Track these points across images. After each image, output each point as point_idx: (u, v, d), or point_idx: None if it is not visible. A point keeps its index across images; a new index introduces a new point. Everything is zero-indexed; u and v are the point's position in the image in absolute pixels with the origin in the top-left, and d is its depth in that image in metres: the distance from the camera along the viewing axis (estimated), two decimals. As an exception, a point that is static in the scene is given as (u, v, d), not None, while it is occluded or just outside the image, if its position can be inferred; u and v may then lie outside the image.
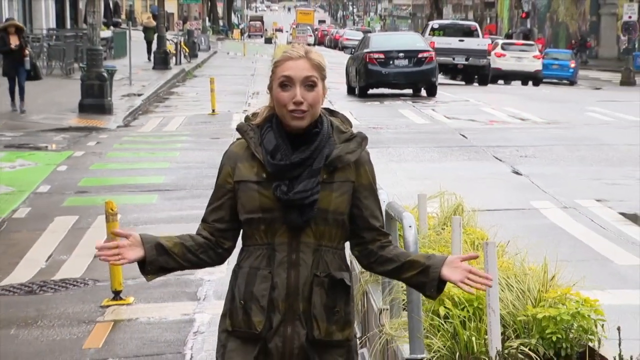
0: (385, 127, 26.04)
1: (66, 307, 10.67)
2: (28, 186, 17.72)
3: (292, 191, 4.10)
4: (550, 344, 5.58)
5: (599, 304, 5.84)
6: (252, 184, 4.17)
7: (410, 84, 36.33)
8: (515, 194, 16.48)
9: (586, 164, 19.95)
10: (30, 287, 11.56)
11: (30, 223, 14.97)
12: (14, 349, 9.40)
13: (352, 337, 4.34)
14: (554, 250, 7.13)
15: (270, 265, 4.19)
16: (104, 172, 19.67)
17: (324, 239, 4.20)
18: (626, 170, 19.14)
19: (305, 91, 4.10)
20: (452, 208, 8.48)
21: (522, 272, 6.26)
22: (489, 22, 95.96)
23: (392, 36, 46.23)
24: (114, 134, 25.66)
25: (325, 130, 4.18)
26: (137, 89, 35.94)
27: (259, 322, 4.17)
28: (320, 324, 4.19)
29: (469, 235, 7.53)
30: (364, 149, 4.25)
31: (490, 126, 27.21)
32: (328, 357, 4.24)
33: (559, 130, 25.98)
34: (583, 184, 17.52)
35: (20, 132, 24.95)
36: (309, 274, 4.18)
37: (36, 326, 10.05)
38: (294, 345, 4.19)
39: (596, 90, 47.14)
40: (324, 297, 4.19)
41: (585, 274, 6.73)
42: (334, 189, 4.18)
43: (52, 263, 12.63)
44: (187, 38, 59.66)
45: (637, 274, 11.50)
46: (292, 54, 4.14)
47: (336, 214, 4.19)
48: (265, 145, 4.15)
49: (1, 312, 10.59)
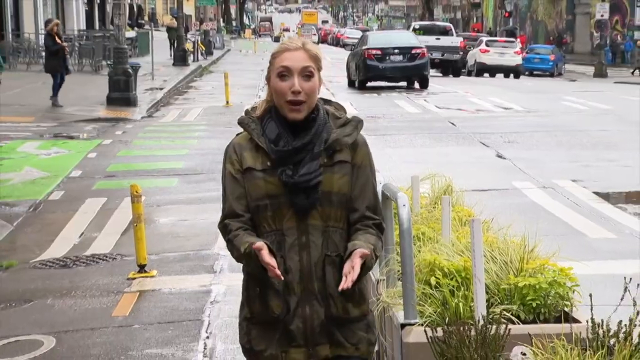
0: (382, 116, 26.02)
1: (96, 279, 10.70)
2: (62, 171, 17.74)
3: (297, 174, 3.94)
4: (530, 309, 5.59)
5: (573, 274, 5.84)
6: (257, 172, 4.00)
7: (404, 77, 36.42)
8: (499, 176, 16.49)
9: (563, 148, 19.96)
10: (65, 261, 11.59)
11: (64, 204, 14.99)
12: (51, 317, 9.43)
13: (368, 311, 4.18)
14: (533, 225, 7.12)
15: (281, 250, 3.98)
16: (129, 158, 19.67)
17: (330, 220, 4.02)
18: (599, 153, 19.17)
19: (303, 81, 3.94)
20: (442, 189, 8.46)
21: (505, 245, 6.25)
22: (475, 21, 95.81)
23: (388, 34, 46.24)
24: (138, 124, 25.66)
25: (321, 117, 4.03)
26: (159, 83, 35.93)
27: (277, 305, 3.98)
28: (337, 301, 4.00)
29: (457, 212, 7.52)
30: (360, 131, 4.11)
31: (477, 115, 27.22)
32: (349, 333, 4.06)
33: (538, 118, 25.97)
34: (560, 166, 17.53)
35: (55, 122, 24.98)
36: (320, 254, 4.00)
37: (70, 296, 10.09)
38: (314, 324, 3.99)
39: (572, 82, 47.17)
40: (337, 276, 3.97)
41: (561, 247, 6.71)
42: (335, 171, 4.01)
43: (83, 240, 12.66)
44: (204, 37, 59.66)
45: (608, 246, 11.51)
46: (289, 46, 3.98)
47: (340, 195, 4.02)
48: (268, 134, 4.00)
49: (39, 284, 10.63)
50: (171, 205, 14.59)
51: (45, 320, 9.31)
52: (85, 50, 40.00)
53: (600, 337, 4.52)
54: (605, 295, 4.85)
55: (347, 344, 4.03)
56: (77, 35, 45.21)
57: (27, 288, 10.50)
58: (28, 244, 12.56)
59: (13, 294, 10.28)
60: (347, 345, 4.03)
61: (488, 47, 50.47)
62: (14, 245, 12.57)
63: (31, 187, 16.25)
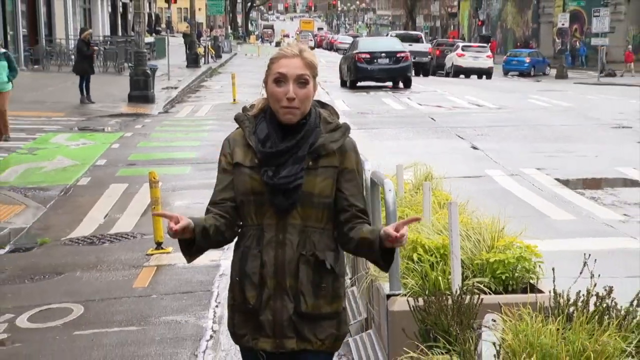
0: (370, 112, 26.00)
1: (119, 255, 10.71)
2: (89, 160, 17.74)
3: (277, 176, 3.67)
4: (500, 281, 5.60)
5: (538, 250, 5.85)
6: (245, 168, 3.76)
7: (390, 78, 36.41)
8: (473, 165, 16.49)
9: (528, 141, 19.97)
10: (91, 239, 11.60)
11: (90, 189, 14.99)
12: (79, 287, 9.45)
13: (341, 309, 3.88)
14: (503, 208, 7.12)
15: (259, 245, 3.74)
16: (148, 149, 19.65)
17: (310, 220, 3.74)
18: (559, 145, 19.19)
19: (297, 88, 3.66)
20: (423, 176, 8.48)
21: (478, 225, 6.26)
22: (452, 29, 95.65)
23: (376, 40, 46.11)
24: (156, 118, 25.63)
25: (312, 122, 3.74)
26: (174, 83, 35.86)
27: (252, 296, 3.74)
28: (307, 298, 3.73)
29: (437, 197, 7.53)
30: (347, 137, 3.80)
31: (454, 111, 27.21)
32: (318, 329, 3.78)
33: (507, 114, 25.97)
34: (526, 156, 17.54)
35: (83, 117, 24.96)
36: (294, 252, 3.72)
37: (96, 270, 10.10)
38: (283, 318, 3.73)
39: (537, 82, 47.14)
40: (310, 274, 3.74)
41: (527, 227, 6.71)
42: (318, 174, 3.71)
43: (108, 220, 12.67)
44: (214, 42, 59.59)
45: (568, 226, 11.53)
46: (286, 53, 3.72)
47: (321, 197, 3.72)
48: (258, 134, 3.74)
49: (69, 259, 10.64)
50: (185, 190, 14.60)
51: (75, 290, 9.33)
52: (109, 54, 40.00)
53: (561, 305, 4.51)
54: (566, 269, 4.84)
55: (314, 339, 3.78)
56: (102, 41, 45.14)
57: (58, 262, 10.51)
58: (59, 223, 12.57)
59: (47, 268, 10.29)
60: (313, 340, 3.78)
61: (464, 51, 50.80)
62: (47, 224, 12.57)
63: (62, 174, 16.24)
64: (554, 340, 4.13)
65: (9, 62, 18.51)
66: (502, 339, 4.08)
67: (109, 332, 7.94)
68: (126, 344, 7.62)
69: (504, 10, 79.35)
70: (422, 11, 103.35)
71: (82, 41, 28.65)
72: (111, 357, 7.31)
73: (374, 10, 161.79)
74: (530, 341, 4.14)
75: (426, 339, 4.77)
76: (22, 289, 9.52)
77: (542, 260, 5.72)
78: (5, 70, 18.43)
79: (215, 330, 7.90)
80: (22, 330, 8.11)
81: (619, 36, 58.00)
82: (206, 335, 7.79)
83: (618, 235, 11.05)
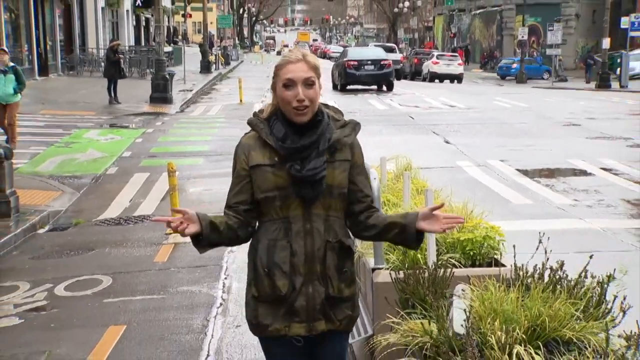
0: (358, 111, 25.93)
1: (142, 234, 10.70)
2: (116, 152, 17.72)
3: (304, 169, 3.44)
4: (468, 257, 5.59)
5: (501, 230, 5.85)
6: (266, 167, 3.50)
7: (375, 82, 36.33)
8: (446, 157, 16.49)
9: (493, 136, 19.98)
10: (118, 220, 11.59)
11: (117, 177, 14.98)
12: (108, 261, 9.45)
13: (356, 292, 3.72)
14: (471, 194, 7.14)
15: (287, 236, 3.50)
16: (167, 143, 19.61)
17: (331, 210, 3.54)
18: (520, 140, 19.21)
19: (305, 89, 3.44)
20: (403, 166, 8.46)
21: (450, 208, 6.25)
22: (428, 40, 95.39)
23: (363, 50, 45.98)
24: (173, 117, 25.56)
25: (326, 119, 3.55)
26: (189, 86, 35.75)
27: (283, 285, 3.49)
28: (334, 282, 3.54)
29: (415, 185, 7.51)
30: (357, 132, 3.64)
31: (430, 111, 27.19)
32: (339, 311, 3.60)
33: (475, 114, 25.97)
34: (491, 149, 17.54)
35: (111, 115, 24.90)
36: (322, 240, 3.52)
37: (122, 246, 10.09)
38: (316, 302, 3.52)
39: (500, 86, 47.11)
40: (335, 260, 3.55)
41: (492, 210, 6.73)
42: (336, 167, 3.52)
43: (132, 204, 12.65)
44: (223, 51, 59.35)
45: (527, 210, 11.54)
46: (291, 58, 3.50)
47: (340, 188, 3.53)
48: (276, 133, 3.50)
49: (99, 237, 10.63)
50: (198, 179, 14.58)
51: (104, 264, 9.33)
52: (134, 61, 39.89)
53: (520, 277, 4.52)
54: (525, 246, 4.85)
55: (336, 321, 3.60)
56: (127, 50, 45.00)
57: (90, 240, 10.51)
58: (91, 207, 12.56)
59: (80, 244, 10.29)
60: (336, 321, 3.60)
61: (438, 60, 50.85)
62: (80, 208, 12.56)
63: (93, 164, 16.22)
64: (514, 306, 4.13)
65: (16, 75, 17.21)
66: (471, 306, 4.08)
67: (133, 300, 7.95)
68: (148, 310, 7.62)
69: (472, 24, 79.17)
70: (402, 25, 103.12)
71: (110, 49, 28.97)
72: (135, 322, 7.31)
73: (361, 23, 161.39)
74: (494, 307, 4.14)
75: (405, 306, 4.76)
76: (60, 262, 9.52)
77: (505, 239, 5.72)
78: (13, 82, 17.09)
79: (225, 299, 7.90)
80: (60, 297, 8.12)
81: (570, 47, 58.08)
82: (217, 303, 7.80)
83: (569, 217, 11.07)
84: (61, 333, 7.09)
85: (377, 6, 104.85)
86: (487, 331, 3.86)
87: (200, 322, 7.25)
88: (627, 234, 10.08)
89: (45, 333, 7.11)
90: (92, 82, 34.62)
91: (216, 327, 7.09)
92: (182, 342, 6.77)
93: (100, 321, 7.35)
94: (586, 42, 61.94)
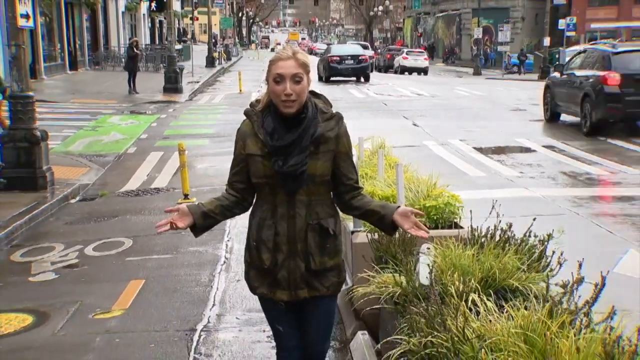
0: (340, 99, 25.81)
1: (157, 203, 10.65)
2: (135, 134, 17.62)
3: (286, 165, 3.29)
4: (432, 221, 5.60)
5: (460, 198, 5.86)
6: (257, 157, 3.35)
7: (354, 74, 36.13)
8: (414, 137, 16.47)
9: (454, 120, 19.94)
10: (137, 192, 11.54)
11: (136, 156, 14.89)
12: (129, 226, 9.42)
13: (341, 261, 3.55)
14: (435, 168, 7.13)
15: (273, 217, 3.39)
16: (178, 126, 19.48)
17: (314, 195, 3.38)
18: (476, 123, 19.20)
19: (293, 85, 3.26)
20: (378, 145, 8.46)
21: (417, 180, 6.26)
22: (399, 39, 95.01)
23: (343, 47, 45.75)
24: (183, 105, 25.39)
25: (310, 115, 3.34)
26: (196, 78, 35.47)
27: (267, 258, 3.40)
28: (315, 258, 3.41)
29: (388, 160, 7.50)
30: (341, 126, 3.45)
31: (400, 98, 27.11)
32: (324, 279, 3.46)
33: (439, 101, 25.91)
34: (452, 131, 17.53)
35: (130, 103, 24.72)
36: (304, 223, 3.38)
37: (141, 214, 10.05)
38: (296, 275, 3.41)
39: (459, 77, 47.04)
40: (316, 239, 3.40)
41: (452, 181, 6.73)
42: (319, 158, 3.35)
43: (149, 178, 12.59)
44: (225, 48, 58.94)
45: (481, 181, 11.56)
46: (282, 56, 3.33)
47: (322, 177, 3.37)
48: (266, 127, 3.34)
49: (121, 206, 10.59)
50: (204, 157, 14.50)
51: (126, 228, 9.29)
52: (149, 57, 39.51)
53: (475, 237, 4.53)
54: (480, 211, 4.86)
55: (321, 287, 3.47)
56: (144, 47, 44.67)
57: (114, 208, 10.46)
58: (114, 181, 12.49)
59: (106, 212, 10.24)
60: (320, 288, 3.47)
61: (407, 55, 50.68)
62: (105, 181, 12.49)
63: (115, 145, 16.12)
64: (470, 261, 4.15)
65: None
66: (434, 262, 4.08)
67: (151, 259, 7.93)
68: (163, 267, 7.61)
69: (435, 25, 78.86)
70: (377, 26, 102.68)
71: (129, 46, 28.81)
72: (152, 276, 7.30)
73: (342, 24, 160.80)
74: (453, 262, 4.16)
75: (379, 262, 4.77)
76: (88, 227, 9.48)
77: (463, 205, 5.72)
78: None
79: (227, 257, 7.89)
80: (89, 256, 8.09)
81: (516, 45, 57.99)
82: (220, 260, 7.79)
83: (516, 187, 11.10)
84: (90, 286, 7.07)
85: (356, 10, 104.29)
86: (448, 282, 3.88)
87: (207, 277, 7.23)
88: (563, 200, 10.13)
89: (77, 286, 7.09)
90: (115, 75, 34.36)
91: (220, 281, 7.08)
92: (191, 294, 6.76)
93: (123, 276, 7.33)
94: (530, 41, 61.88)
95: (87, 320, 6.16)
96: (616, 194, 10.72)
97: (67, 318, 6.21)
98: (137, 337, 5.73)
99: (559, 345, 2.97)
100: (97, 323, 6.07)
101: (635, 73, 15.89)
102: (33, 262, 7.95)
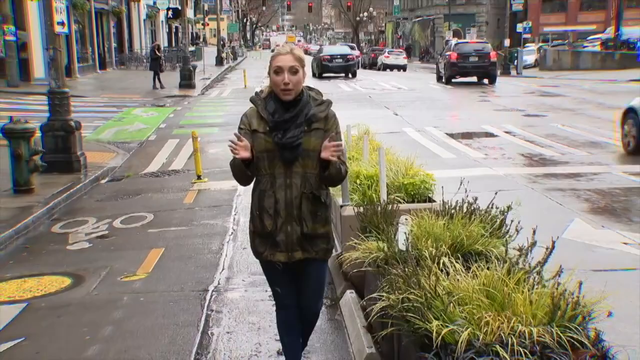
0: (331, 93, 25.67)
1: (174, 183, 10.63)
2: (155, 124, 17.52)
3: (285, 137, 3.38)
4: (410, 196, 5.60)
5: (433, 177, 5.86)
6: (260, 134, 3.44)
7: (344, 71, 35.97)
8: (395, 125, 16.42)
9: (430, 110, 19.89)
10: (157, 173, 11.50)
11: (156, 142, 14.82)
12: (151, 203, 9.39)
13: (330, 230, 3.58)
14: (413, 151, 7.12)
15: (273, 187, 3.45)
16: (192, 117, 19.38)
17: (308, 168, 3.43)
18: (447, 112, 19.18)
19: (291, 75, 3.37)
20: (363, 131, 8.44)
21: (397, 161, 6.25)
22: (381, 40, 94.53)
23: (334, 47, 45.51)
24: (196, 98, 25.24)
25: (304, 99, 3.44)
26: (207, 75, 35.22)
27: (269, 224, 3.45)
28: (308, 223, 3.46)
29: (372, 144, 7.48)
30: (330, 109, 3.51)
31: (383, 92, 27.01)
32: (314, 244, 3.52)
33: (416, 93, 25.82)
34: (428, 119, 17.48)
35: (151, 97, 24.56)
36: (299, 192, 3.43)
37: (160, 193, 10.03)
38: (293, 238, 3.47)
39: (433, 73, 46.86)
40: (309, 206, 3.45)
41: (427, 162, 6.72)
42: (312, 135, 3.41)
43: (167, 162, 12.55)
44: (232, 50, 58.58)
45: (452, 162, 11.55)
46: (281, 51, 3.44)
47: (315, 151, 3.41)
48: (268, 109, 3.44)
49: (144, 185, 10.55)
50: (215, 143, 14.43)
51: (148, 204, 9.27)
52: (167, 58, 39.34)
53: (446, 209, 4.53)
54: (450, 188, 4.86)
55: (312, 251, 3.52)
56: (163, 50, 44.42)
57: (138, 187, 10.43)
58: (138, 164, 12.44)
59: (130, 191, 10.21)
60: (311, 251, 3.52)
61: (389, 54, 50.58)
62: (130, 165, 12.44)
63: (139, 133, 16.04)
64: (441, 230, 4.15)
65: None
66: (411, 230, 4.09)
67: (169, 230, 7.92)
68: (179, 237, 7.60)
69: (413, 29, 78.46)
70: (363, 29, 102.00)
71: (152, 49, 28.67)
72: (171, 245, 7.29)
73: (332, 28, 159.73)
74: (427, 231, 4.16)
75: (364, 232, 4.77)
76: (116, 204, 9.46)
77: (436, 182, 5.73)
78: None
79: (234, 229, 7.89)
80: (117, 228, 8.08)
81: (483, 45, 57.77)
82: (229, 232, 7.79)
83: (481, 166, 11.11)
84: (118, 253, 7.07)
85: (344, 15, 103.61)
86: (422, 247, 3.88)
87: (217, 245, 7.24)
88: (521, 177, 10.15)
89: (107, 253, 7.09)
90: (138, 74, 34.18)
91: (228, 249, 7.08)
92: (204, 260, 6.77)
93: (145, 245, 7.33)
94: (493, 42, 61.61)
95: (116, 282, 6.18)
96: (564, 171, 10.75)
97: (99, 280, 6.23)
98: (158, 296, 5.75)
99: (515, 299, 3.02)
100: (125, 284, 6.09)
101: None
102: (70, 233, 7.95)
